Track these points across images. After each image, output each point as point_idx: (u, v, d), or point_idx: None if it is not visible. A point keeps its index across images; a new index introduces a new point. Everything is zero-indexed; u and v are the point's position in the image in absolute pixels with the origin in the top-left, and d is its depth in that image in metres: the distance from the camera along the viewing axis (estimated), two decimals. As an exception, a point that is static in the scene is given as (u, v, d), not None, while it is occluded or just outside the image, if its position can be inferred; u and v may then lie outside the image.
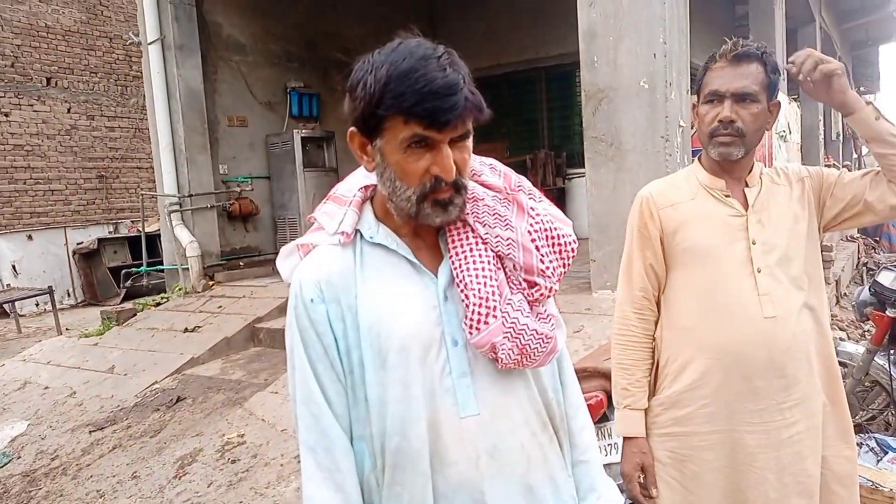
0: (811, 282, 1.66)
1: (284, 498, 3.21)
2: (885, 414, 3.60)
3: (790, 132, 4.49)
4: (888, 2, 11.73)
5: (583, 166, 4.65)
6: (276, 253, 1.18)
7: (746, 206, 1.65)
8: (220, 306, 6.20)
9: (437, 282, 1.12)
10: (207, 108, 7.33)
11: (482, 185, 1.14)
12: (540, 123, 9.79)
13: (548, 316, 1.15)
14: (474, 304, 1.07)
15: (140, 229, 8.79)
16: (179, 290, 6.94)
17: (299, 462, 1.14)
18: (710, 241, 1.65)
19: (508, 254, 1.11)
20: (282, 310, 5.72)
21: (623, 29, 4.22)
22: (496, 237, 1.11)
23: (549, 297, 1.14)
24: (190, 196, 7.09)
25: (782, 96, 4.47)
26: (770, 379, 1.60)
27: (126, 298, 8.94)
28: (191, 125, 7.10)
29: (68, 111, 11.28)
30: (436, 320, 1.10)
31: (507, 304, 1.10)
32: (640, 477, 1.70)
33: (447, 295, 1.11)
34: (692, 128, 4.42)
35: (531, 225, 1.12)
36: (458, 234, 1.12)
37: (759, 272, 1.61)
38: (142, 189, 10.98)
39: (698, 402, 1.65)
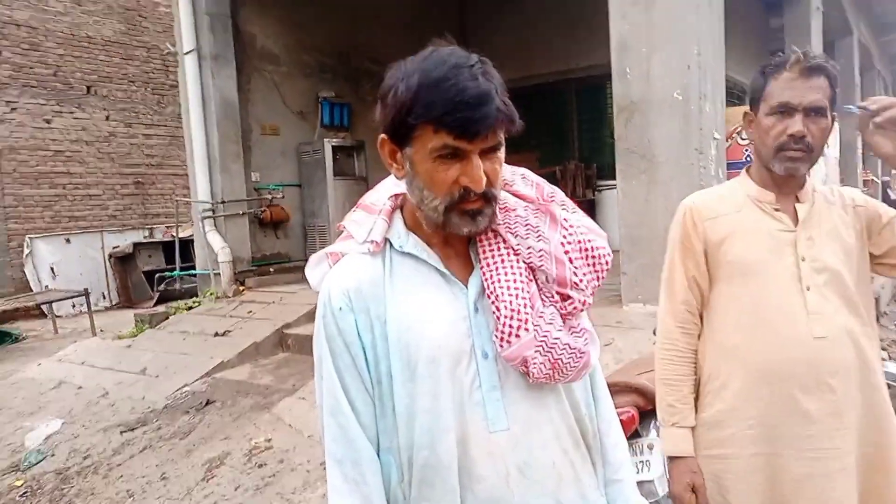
0: (862, 308, 1.59)
1: (310, 504, 3.22)
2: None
3: (828, 146, 4.41)
4: (929, 14, 11.45)
5: (613, 178, 4.62)
6: (306, 260, 1.19)
7: (796, 222, 1.59)
8: (250, 311, 6.25)
9: (467, 292, 1.10)
10: (241, 117, 7.45)
11: (514, 195, 1.13)
12: (570, 135, 9.75)
13: (581, 330, 1.13)
14: (505, 317, 1.06)
15: (174, 234, 8.96)
16: (211, 294, 7.04)
17: (325, 469, 1.14)
18: (757, 255, 1.59)
19: (541, 266, 1.09)
20: (310, 316, 5.72)
21: (656, 40, 4.19)
22: (528, 248, 1.09)
23: (582, 310, 1.12)
24: (223, 203, 7.20)
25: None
26: (821, 402, 1.53)
27: (159, 302, 9.08)
28: (224, 134, 7.21)
29: (107, 119, 11.55)
30: (466, 332, 1.08)
31: (539, 316, 1.08)
32: (692, 498, 1.62)
33: (477, 306, 1.10)
34: (727, 140, 4.37)
35: (564, 237, 1.11)
36: (490, 244, 1.11)
37: (809, 290, 1.55)
38: (176, 195, 11.18)
39: (743, 423, 1.58)
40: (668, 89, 4.14)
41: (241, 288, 7.06)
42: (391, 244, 1.12)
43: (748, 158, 4.39)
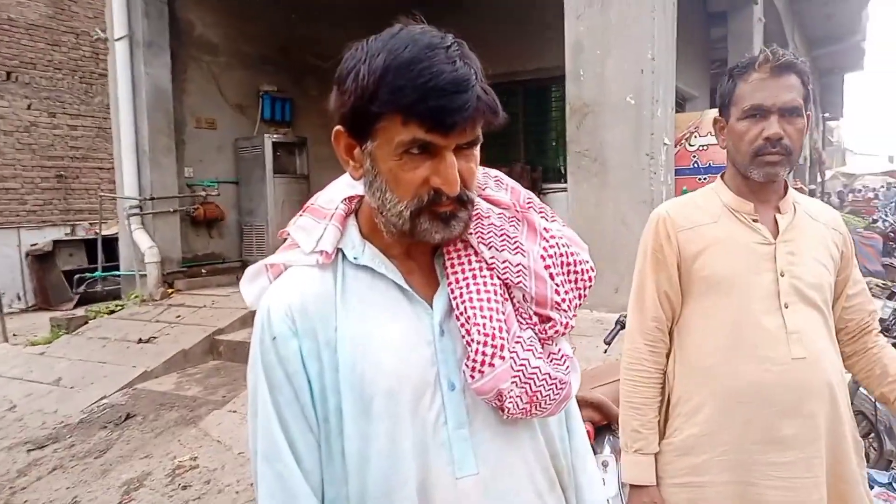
0: (833, 330, 1.52)
1: (238, 530, 2.97)
2: (867, 445, 3.51)
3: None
4: (855, 32, 11.98)
5: (559, 181, 4.54)
6: (241, 261, 0.96)
7: (775, 234, 1.49)
8: (179, 316, 5.90)
9: (432, 313, 0.94)
10: (175, 108, 7.08)
11: (487, 200, 0.98)
12: (516, 137, 9.67)
13: (562, 357, 0.97)
14: (478, 343, 0.90)
15: (98, 232, 8.45)
16: (136, 297, 6.62)
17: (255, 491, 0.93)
18: (734, 269, 1.48)
19: (518, 282, 0.93)
20: (245, 321, 5.47)
21: (611, 43, 4.11)
22: (504, 262, 0.94)
23: (563, 333, 0.97)
24: (152, 199, 6.80)
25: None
26: (800, 427, 1.43)
27: (80, 304, 8.52)
28: (156, 125, 6.83)
29: (28, 107, 10.81)
30: (430, 359, 0.92)
31: (517, 342, 0.92)
32: None
33: (443, 329, 0.94)
34: (676, 146, 4.32)
35: (545, 248, 0.96)
36: (459, 256, 0.95)
37: (787, 308, 1.44)
38: (102, 190, 10.57)
39: (717, 448, 1.47)
40: (621, 92, 4.07)
41: (170, 290, 6.67)
42: (344, 255, 0.96)
43: (695, 165, 4.37)
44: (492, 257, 0.94)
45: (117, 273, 7.50)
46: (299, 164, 8.03)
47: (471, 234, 0.94)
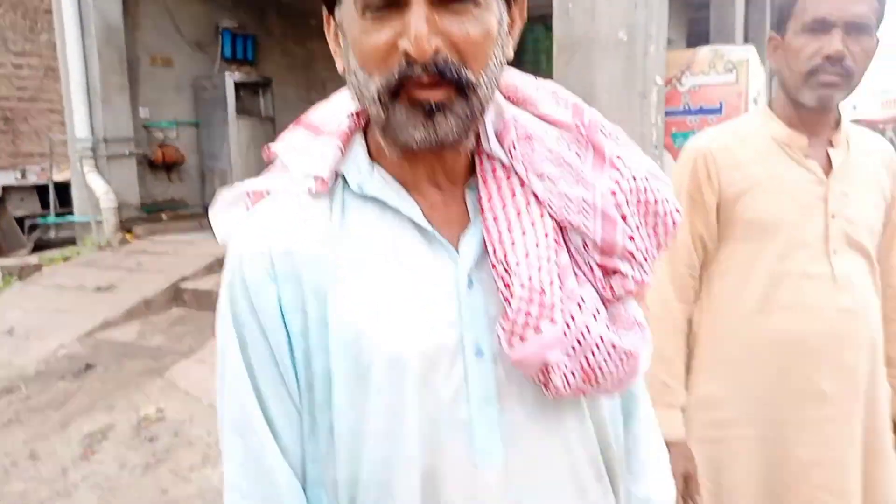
0: (878, 279, 1.41)
1: (210, 483, 2.84)
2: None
3: (760, 96, 4.30)
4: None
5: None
6: (204, 206, 0.73)
7: (827, 172, 1.35)
8: (139, 263, 5.64)
9: (458, 258, 0.74)
10: (127, 45, 6.67)
11: (540, 118, 0.76)
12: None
13: (632, 323, 0.77)
14: (521, 300, 0.69)
15: (50, 177, 8.03)
16: (93, 244, 6.30)
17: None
18: (781, 212, 1.34)
19: (579, 224, 0.72)
20: (212, 269, 5.25)
21: (600, -27, 3.89)
22: (561, 196, 0.73)
23: (635, 293, 0.77)
24: (105, 141, 6.45)
25: (753, 54, 4.27)
26: (841, 382, 1.33)
27: (34, 251, 8.15)
28: (107, 63, 6.43)
29: (-33, 44, 10.12)
30: (452, 318, 0.72)
31: (572, 301, 0.72)
32: (684, 489, 1.41)
33: (472, 279, 0.74)
34: (666, 86, 4.18)
35: (616, 182, 0.73)
36: (500, 188, 0.74)
37: (836, 253, 1.32)
38: (53, 133, 10.03)
39: (745, 402, 1.37)
40: (613, 28, 3.89)
41: (129, 236, 6.36)
42: (346, 183, 0.76)
43: (686, 106, 4.24)
44: (545, 189, 0.73)
45: (71, 218, 7.15)
46: (264, 106, 7.70)
47: (515, 159, 0.73)
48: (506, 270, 0.71)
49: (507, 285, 0.70)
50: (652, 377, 1.44)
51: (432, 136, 0.67)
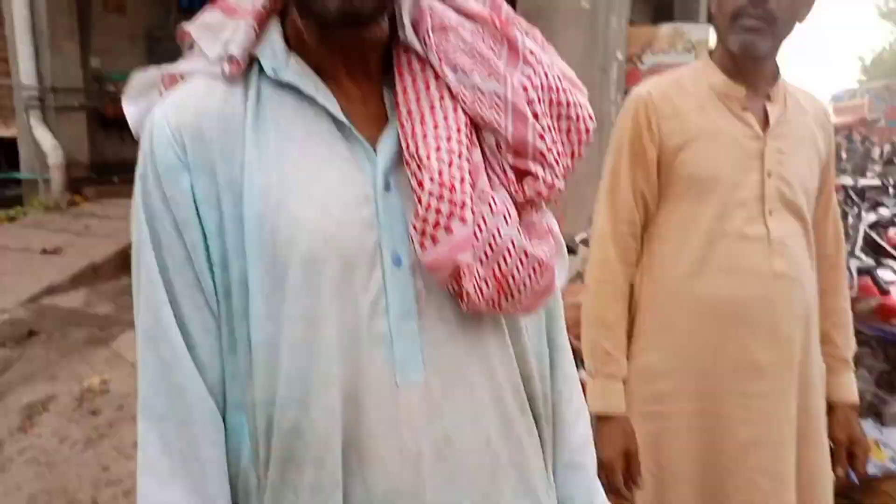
0: (812, 242, 1.38)
1: (153, 459, 2.80)
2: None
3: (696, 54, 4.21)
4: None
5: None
6: None
7: (764, 127, 1.30)
8: (88, 226, 5.47)
9: (375, 159, 0.71)
10: (77, -13, 6.32)
11: (456, 10, 0.73)
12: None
13: (544, 231, 0.75)
14: (430, 194, 0.67)
15: (-6, 130, 7.68)
16: (40, 204, 6.07)
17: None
18: (718, 167, 1.30)
19: (490, 120, 0.70)
20: (162, 233, 5.10)
21: (566, -61, 3.77)
22: (473, 90, 0.70)
23: (548, 198, 0.74)
24: (53, 90, 6.12)
25: (713, 34, 4.21)
26: (776, 353, 1.30)
27: (-22, 210, 7.84)
28: (55, 4, 6.07)
29: None
30: (369, 220, 0.70)
31: (483, 202, 0.69)
32: (623, 466, 1.36)
33: (390, 182, 0.71)
34: (627, 63, 4.12)
35: (528, 78, 0.71)
36: (415, 80, 0.72)
37: (771, 214, 1.29)
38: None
39: (686, 373, 1.33)
40: (575, -4, 3.77)
41: (78, 198, 6.13)
42: (261, 67, 0.72)
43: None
44: (458, 82, 0.70)
45: (16, 175, 6.86)
46: (223, 61, 7.44)
47: (430, 48, 0.70)
48: (418, 166, 0.68)
49: (419, 182, 0.67)
50: (593, 344, 1.39)
51: (347, 5, 0.65)
